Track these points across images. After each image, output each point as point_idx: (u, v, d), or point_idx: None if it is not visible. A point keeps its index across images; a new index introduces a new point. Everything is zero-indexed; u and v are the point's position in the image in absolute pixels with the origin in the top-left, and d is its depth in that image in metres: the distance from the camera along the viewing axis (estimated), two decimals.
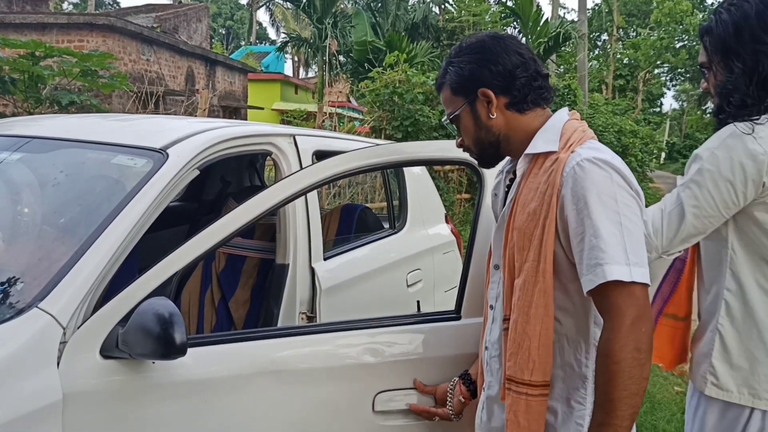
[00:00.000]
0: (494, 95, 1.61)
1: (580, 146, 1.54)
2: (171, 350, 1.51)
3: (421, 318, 2.19)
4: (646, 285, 1.43)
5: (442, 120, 1.75)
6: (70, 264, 1.65)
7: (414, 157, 2.19)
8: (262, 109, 21.13)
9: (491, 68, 1.60)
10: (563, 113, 1.65)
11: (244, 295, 2.97)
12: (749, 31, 1.76)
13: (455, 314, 2.08)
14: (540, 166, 1.56)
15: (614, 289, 1.41)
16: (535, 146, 1.59)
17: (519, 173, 1.62)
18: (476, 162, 1.77)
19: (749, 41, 1.75)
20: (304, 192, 1.93)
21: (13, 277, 1.77)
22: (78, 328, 1.57)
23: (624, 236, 1.43)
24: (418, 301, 2.28)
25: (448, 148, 2.10)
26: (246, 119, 18.59)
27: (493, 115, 1.62)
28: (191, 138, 2.11)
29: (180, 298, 3.02)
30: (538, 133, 1.61)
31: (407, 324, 2.08)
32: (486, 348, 1.73)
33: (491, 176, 1.95)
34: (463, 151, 1.75)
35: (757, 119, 1.70)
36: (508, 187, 1.74)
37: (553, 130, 1.59)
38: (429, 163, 2.11)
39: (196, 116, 9.48)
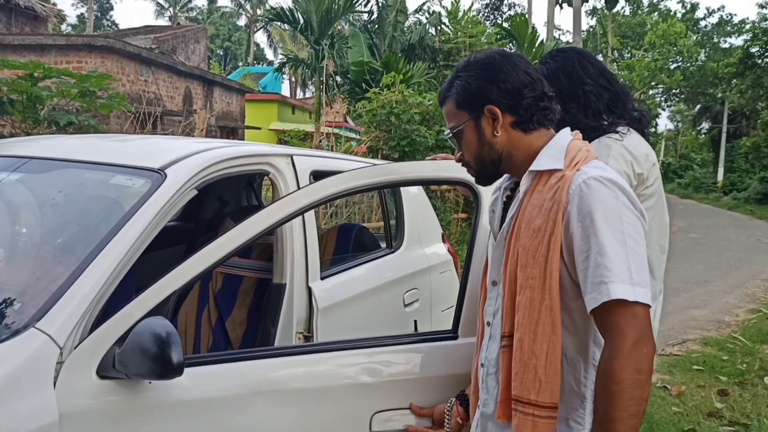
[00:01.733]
0: (500, 113, 1.60)
1: (585, 165, 1.54)
2: (168, 370, 1.51)
3: (419, 337, 2.19)
4: (647, 306, 1.43)
5: (444, 134, 1.74)
6: (67, 284, 1.65)
7: (411, 177, 2.19)
8: (260, 129, 21.20)
9: (500, 86, 1.60)
10: (567, 133, 1.65)
11: (241, 314, 2.97)
12: (576, 76, 2.19)
13: (452, 334, 2.07)
14: (545, 183, 1.55)
15: (617, 308, 1.41)
16: (540, 163, 1.58)
17: (522, 189, 1.61)
18: (473, 178, 1.76)
19: (578, 84, 2.19)
20: (301, 212, 1.93)
21: (11, 297, 1.77)
22: (75, 348, 1.57)
23: (628, 255, 1.43)
24: (415, 321, 2.28)
25: (445, 168, 2.11)
26: (243, 139, 18.64)
27: (497, 133, 1.61)
28: (189, 158, 2.12)
29: (177, 318, 3.01)
30: (543, 150, 1.61)
31: (404, 344, 2.07)
32: (482, 365, 1.71)
33: (488, 196, 1.94)
34: (462, 165, 1.74)
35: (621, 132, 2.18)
36: (506, 203, 1.74)
37: (558, 148, 1.60)
38: (426, 183, 2.12)
39: (193, 136, 9.50)
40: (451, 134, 1.68)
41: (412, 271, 3.30)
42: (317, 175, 2.62)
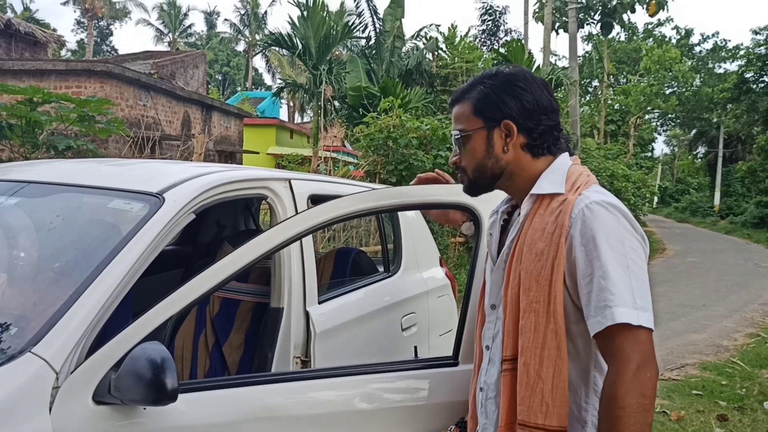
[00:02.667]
0: (516, 131, 1.60)
1: (586, 189, 1.55)
2: (162, 396, 1.50)
3: (418, 364, 2.17)
4: (651, 330, 1.43)
5: (453, 134, 1.70)
6: (64, 308, 1.65)
7: (411, 202, 2.16)
8: (258, 153, 21.26)
9: (523, 104, 1.60)
10: (566, 158, 1.65)
11: (238, 339, 2.95)
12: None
13: (453, 360, 2.04)
14: (546, 206, 1.56)
15: (621, 332, 1.41)
16: (541, 187, 1.59)
17: (522, 213, 1.61)
18: (463, 186, 1.74)
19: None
20: (299, 237, 1.93)
21: (7, 321, 1.76)
22: (71, 372, 1.56)
23: (631, 280, 1.43)
24: (415, 347, 2.26)
25: (444, 193, 2.09)
26: (241, 163, 18.68)
27: (507, 150, 1.61)
28: (187, 182, 2.12)
29: (174, 342, 3.00)
30: (544, 174, 1.61)
31: (404, 370, 2.06)
32: (480, 389, 1.70)
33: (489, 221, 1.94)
34: (456, 169, 1.72)
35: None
36: (503, 227, 1.74)
37: (559, 172, 1.60)
38: (426, 208, 2.13)
39: (191, 160, 9.52)
40: (459, 136, 1.66)
41: (410, 295, 3.29)
42: (315, 199, 2.62)
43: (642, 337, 1.41)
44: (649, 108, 33.90)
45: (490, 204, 1.89)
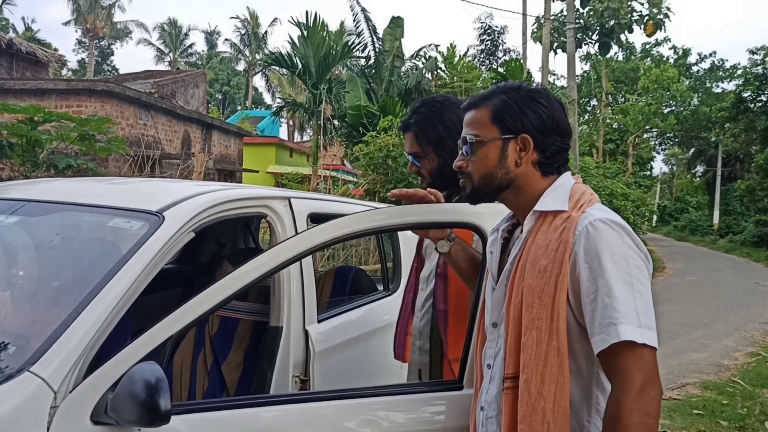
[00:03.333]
0: (532, 147, 1.59)
1: (590, 207, 1.55)
2: (156, 417, 1.48)
3: (422, 387, 2.12)
4: (655, 349, 1.42)
5: (467, 138, 1.66)
6: (63, 327, 1.64)
7: (414, 221, 2.03)
8: (257, 172, 21.30)
9: (543, 121, 1.59)
10: (569, 176, 1.65)
11: (237, 358, 2.94)
12: (451, 126, 2.23)
13: (457, 383, 1.99)
14: (549, 223, 1.55)
15: (625, 351, 1.40)
16: (545, 204, 1.58)
17: (525, 229, 1.60)
18: (464, 191, 1.70)
19: (451, 133, 2.20)
20: (299, 258, 1.90)
21: (6, 340, 1.76)
22: (69, 392, 1.55)
23: (635, 298, 1.42)
24: (419, 370, 2.23)
25: (450, 211, 2.04)
26: (241, 182, 18.71)
27: (520, 164, 1.60)
28: (187, 201, 2.12)
29: (173, 361, 2.98)
30: (547, 191, 1.60)
31: (407, 393, 2.02)
32: (481, 408, 1.68)
33: (489, 239, 1.89)
34: (458, 173, 1.69)
35: None
36: (503, 245, 1.72)
37: (562, 190, 1.60)
38: (429, 227, 2.05)
39: (191, 179, 9.53)
40: (474, 140, 1.62)
41: None
42: (315, 218, 2.63)
43: (646, 355, 1.40)
44: (647, 127, 34.05)
45: (495, 224, 1.86)
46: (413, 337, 2.37)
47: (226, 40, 53.24)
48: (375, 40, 19.14)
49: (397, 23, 19.45)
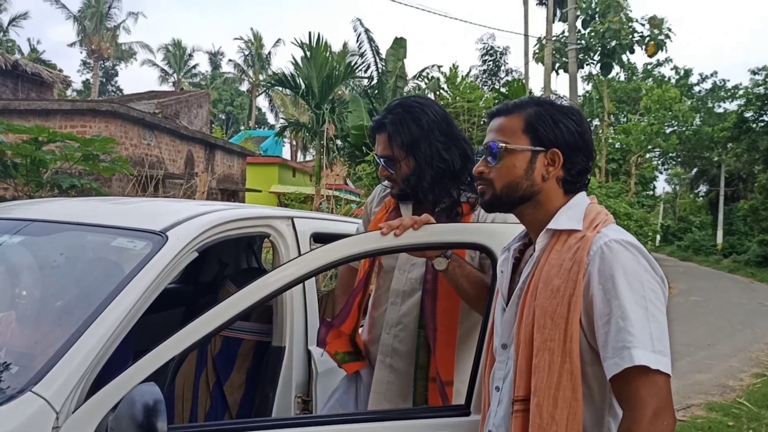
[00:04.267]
0: (562, 163, 1.56)
1: (605, 227, 1.51)
2: None
3: (428, 412, 2.06)
4: (668, 375, 1.37)
5: (491, 144, 1.60)
6: (65, 347, 1.64)
7: (422, 242, 1.90)
8: (260, 191, 21.34)
9: (575, 138, 1.57)
10: (584, 196, 1.61)
11: (240, 378, 2.93)
12: (430, 130, 2.15)
13: (464, 409, 1.93)
14: (563, 243, 1.51)
15: (638, 376, 1.35)
16: (559, 222, 1.54)
17: (538, 248, 1.56)
18: (481, 197, 1.65)
19: (434, 139, 2.15)
20: (304, 279, 1.87)
21: (8, 360, 1.76)
22: (72, 412, 1.55)
23: (650, 322, 1.38)
24: (426, 394, 2.16)
25: (456, 231, 1.99)
26: (244, 202, 18.75)
27: (547, 178, 1.57)
28: (190, 221, 2.13)
29: (175, 381, 2.97)
30: (562, 210, 1.56)
31: (412, 418, 1.97)
32: None
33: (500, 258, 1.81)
34: (477, 178, 1.63)
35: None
36: (514, 264, 1.68)
37: (577, 209, 1.56)
38: (438, 248, 1.94)
39: (194, 199, 9.55)
40: (503, 147, 1.57)
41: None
42: (318, 238, 2.63)
43: (660, 382, 1.36)
44: (649, 147, 34.07)
45: (505, 244, 1.81)
46: (381, 354, 2.24)
47: (230, 60, 53.61)
48: (378, 60, 19.28)
49: (399, 44, 19.60)
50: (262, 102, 54.84)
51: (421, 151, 2.14)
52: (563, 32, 24.50)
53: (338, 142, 18.75)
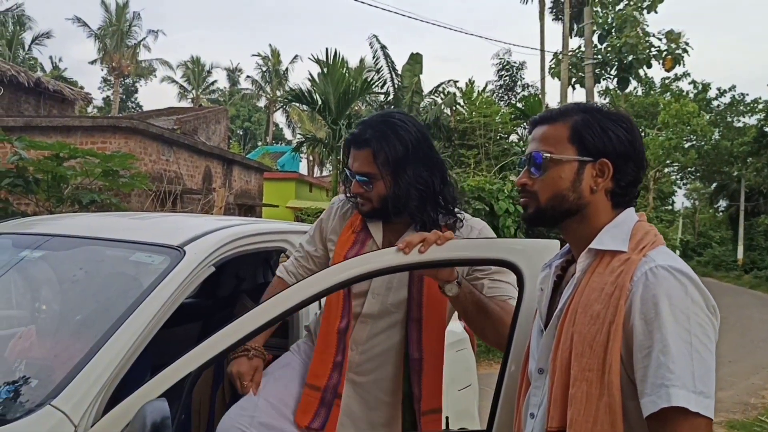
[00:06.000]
0: (612, 173, 1.44)
1: (652, 250, 1.38)
2: None
3: None
4: (710, 420, 1.25)
5: (532, 152, 1.49)
6: (84, 361, 1.66)
7: (446, 257, 1.77)
8: (277, 206, 21.43)
9: (628, 150, 1.45)
10: (632, 212, 1.48)
11: None
12: (412, 149, 2.06)
13: None
14: (606, 265, 1.39)
15: (676, 417, 1.23)
16: (603, 242, 1.41)
17: (579, 269, 1.44)
18: (525, 211, 1.54)
19: (414, 158, 2.06)
20: (322, 295, 1.82)
21: (27, 374, 1.78)
22: (90, 426, 1.56)
23: (693, 359, 1.26)
24: (446, 417, 2.11)
25: (485, 247, 1.89)
26: (261, 217, 18.84)
27: (595, 190, 1.45)
28: (208, 236, 2.15)
29: (192, 396, 2.98)
30: (606, 228, 1.44)
31: None
32: None
33: (532, 281, 1.70)
34: (520, 191, 1.53)
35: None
36: (556, 283, 1.56)
37: (624, 227, 1.43)
38: (460, 264, 1.88)
39: (212, 214, 9.62)
40: (549, 157, 1.46)
41: None
42: None
43: (700, 426, 1.24)
44: (668, 161, 33.85)
45: (532, 262, 1.74)
46: (348, 371, 2.13)
47: (248, 77, 53.99)
48: (394, 76, 19.36)
49: (416, 59, 19.68)
50: (279, 118, 55.20)
51: (405, 172, 2.05)
52: (579, 47, 24.45)
53: None
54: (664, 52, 24.43)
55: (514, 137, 21.13)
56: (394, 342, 2.13)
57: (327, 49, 16.33)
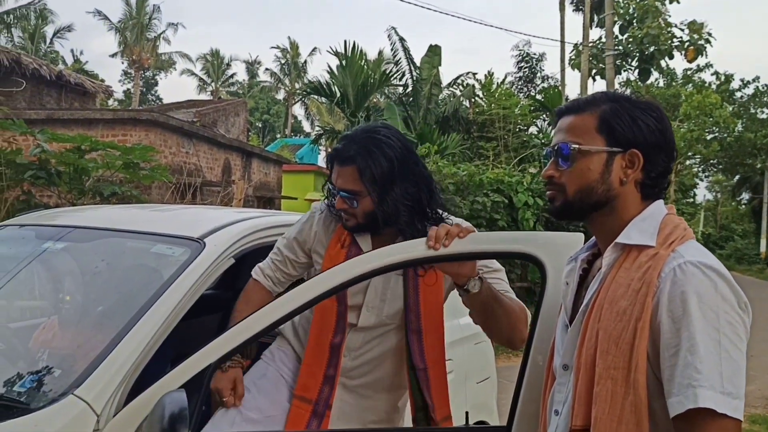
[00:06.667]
0: (642, 164, 1.39)
1: (681, 245, 1.33)
2: None
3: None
4: (739, 421, 1.21)
5: (557, 145, 1.45)
6: (106, 351, 1.68)
7: (469, 250, 1.76)
8: (296, 199, 21.51)
9: (659, 140, 1.40)
10: (661, 205, 1.43)
11: None
12: (397, 166, 2.02)
13: (506, 430, 1.78)
14: (633, 260, 1.34)
15: (703, 419, 1.20)
16: (630, 236, 1.37)
17: (605, 263, 1.39)
18: (552, 204, 1.49)
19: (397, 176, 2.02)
20: (343, 287, 1.80)
21: (51, 364, 1.81)
22: (112, 416, 1.58)
23: (722, 358, 1.22)
24: (466, 413, 2.10)
25: (509, 240, 1.86)
26: (280, 209, 18.90)
27: (625, 182, 1.40)
28: (227, 227, 2.16)
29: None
30: (634, 221, 1.39)
31: None
32: None
33: (555, 273, 1.68)
34: (546, 183, 1.49)
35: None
36: (582, 276, 1.51)
37: (651, 221, 1.38)
38: (482, 257, 1.88)
39: (231, 206, 9.67)
40: (576, 149, 1.42)
41: (447, 341, 3.26)
42: None
43: (727, 427, 1.20)
44: (689, 153, 33.48)
45: (555, 255, 1.70)
46: (341, 375, 2.11)
47: (267, 69, 54.12)
48: (413, 68, 19.29)
49: (434, 51, 19.60)
50: (298, 110, 55.27)
51: (393, 189, 2.01)
52: (600, 38, 24.19)
53: None
54: (687, 43, 24.12)
55: (533, 129, 21.02)
56: (390, 346, 2.15)
57: (345, 42, 16.35)
